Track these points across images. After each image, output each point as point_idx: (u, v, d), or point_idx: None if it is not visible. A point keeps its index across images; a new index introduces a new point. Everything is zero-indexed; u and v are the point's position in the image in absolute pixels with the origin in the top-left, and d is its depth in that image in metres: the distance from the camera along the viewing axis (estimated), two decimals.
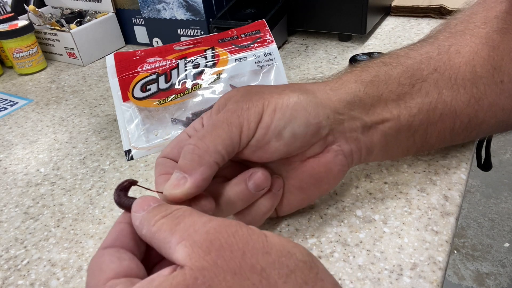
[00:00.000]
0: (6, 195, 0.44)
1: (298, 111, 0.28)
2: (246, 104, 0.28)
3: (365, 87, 0.31)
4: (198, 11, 0.63)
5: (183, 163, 0.26)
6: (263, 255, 0.19)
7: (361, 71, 0.32)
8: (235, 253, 0.19)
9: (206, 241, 0.20)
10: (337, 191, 0.37)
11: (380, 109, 0.31)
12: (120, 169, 0.45)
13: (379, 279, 0.29)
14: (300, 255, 0.20)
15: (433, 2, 0.68)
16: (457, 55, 0.33)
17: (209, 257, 0.19)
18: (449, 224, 0.32)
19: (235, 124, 0.27)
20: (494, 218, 1.51)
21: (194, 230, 0.21)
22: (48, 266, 0.35)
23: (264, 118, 0.28)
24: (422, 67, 0.32)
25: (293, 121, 0.28)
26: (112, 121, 0.54)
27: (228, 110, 0.28)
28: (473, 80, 0.33)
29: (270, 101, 0.28)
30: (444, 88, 0.32)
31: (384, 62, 0.33)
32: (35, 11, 0.74)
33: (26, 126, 0.57)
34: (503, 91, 0.34)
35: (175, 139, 0.31)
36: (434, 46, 0.34)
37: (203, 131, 0.28)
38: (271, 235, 0.21)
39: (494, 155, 1.74)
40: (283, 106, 0.28)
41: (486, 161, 0.54)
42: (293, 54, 0.65)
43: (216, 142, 0.27)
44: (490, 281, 1.31)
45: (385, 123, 0.31)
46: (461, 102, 0.33)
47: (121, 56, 0.49)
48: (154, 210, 0.23)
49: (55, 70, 0.74)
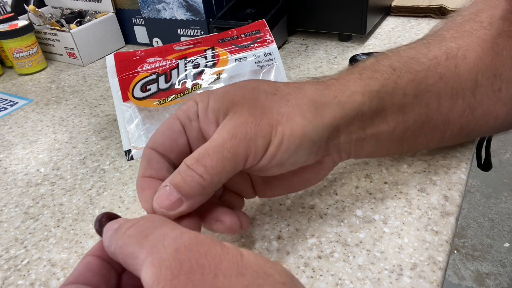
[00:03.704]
0: (6, 195, 0.44)
1: (304, 142, 0.28)
2: (254, 129, 0.26)
3: (371, 101, 0.30)
4: (198, 11, 0.63)
5: (183, 187, 0.25)
6: (236, 277, 0.18)
7: (370, 78, 0.31)
8: (206, 276, 0.18)
9: (175, 261, 0.18)
10: (337, 191, 0.37)
11: (379, 121, 0.31)
12: (120, 169, 0.45)
13: (379, 279, 0.29)
14: (278, 276, 0.19)
15: (433, 2, 0.68)
16: (463, 61, 0.33)
17: (177, 280, 0.18)
18: (449, 224, 0.32)
19: (242, 156, 0.26)
20: (494, 218, 1.51)
21: (162, 245, 0.19)
22: (48, 266, 0.35)
23: (270, 150, 0.27)
24: (429, 76, 0.32)
25: (297, 152, 0.28)
26: (112, 121, 0.54)
27: (234, 135, 0.26)
28: (473, 89, 0.33)
29: (278, 130, 0.27)
30: (444, 99, 0.32)
31: (393, 67, 0.32)
32: (35, 11, 0.74)
33: (26, 126, 0.57)
34: (499, 99, 0.34)
35: (165, 125, 0.29)
36: (443, 50, 0.33)
37: (208, 158, 0.25)
38: (247, 254, 0.19)
39: (494, 155, 1.74)
40: (290, 139, 0.27)
41: (486, 161, 0.54)
42: (293, 54, 0.65)
43: (221, 176, 0.26)
44: (490, 281, 1.31)
45: (380, 134, 0.32)
46: (456, 113, 0.33)
47: (121, 56, 0.49)
48: (123, 224, 0.22)
49: (55, 70, 0.74)
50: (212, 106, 0.28)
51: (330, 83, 0.30)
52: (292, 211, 0.36)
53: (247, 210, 0.36)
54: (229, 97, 0.28)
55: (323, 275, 0.30)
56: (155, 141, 0.28)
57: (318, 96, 0.29)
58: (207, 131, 0.28)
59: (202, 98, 0.28)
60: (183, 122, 0.28)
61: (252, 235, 0.34)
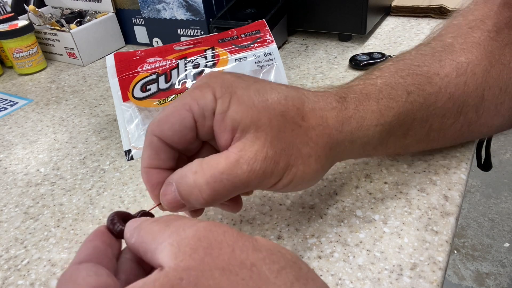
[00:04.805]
0: (6, 195, 0.44)
1: (310, 182, 0.30)
2: (271, 167, 0.26)
3: (381, 133, 0.30)
4: (198, 11, 0.63)
5: (188, 200, 0.26)
6: (253, 252, 0.19)
7: (385, 107, 0.30)
8: (224, 250, 0.19)
9: (194, 238, 0.19)
10: (337, 191, 0.37)
11: (381, 146, 0.32)
12: (120, 169, 0.45)
13: (379, 279, 0.29)
14: (289, 255, 0.20)
15: (433, 2, 0.68)
16: (472, 77, 0.32)
17: (196, 255, 0.18)
18: (449, 224, 0.32)
19: (252, 187, 0.27)
20: (494, 218, 1.51)
21: (183, 229, 0.20)
22: (48, 266, 0.35)
23: (277, 185, 0.28)
24: (439, 98, 0.32)
25: (301, 186, 0.30)
26: (112, 121, 0.54)
27: (252, 170, 0.26)
28: (478, 105, 0.33)
29: (292, 171, 0.27)
30: (448, 118, 0.33)
31: (408, 91, 0.31)
32: (35, 11, 0.74)
33: (26, 126, 0.57)
34: (498, 112, 0.34)
35: (176, 117, 0.26)
36: (453, 66, 0.33)
37: (221, 184, 0.25)
38: (260, 239, 0.20)
39: (494, 155, 1.74)
40: (299, 180, 0.28)
41: (486, 161, 0.54)
42: (293, 54, 0.65)
43: (226, 198, 0.27)
44: (490, 281, 1.31)
45: (376, 154, 0.33)
46: (454, 128, 0.34)
47: (121, 56, 0.49)
48: (146, 219, 0.23)
49: (55, 70, 0.74)
50: (233, 116, 0.26)
51: (350, 111, 0.30)
52: (292, 211, 0.36)
53: (247, 210, 0.36)
54: (254, 115, 0.26)
55: (323, 275, 0.30)
56: (163, 132, 0.26)
57: (337, 133, 0.29)
58: (219, 136, 0.27)
59: (222, 95, 0.26)
60: (197, 118, 0.26)
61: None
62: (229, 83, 0.27)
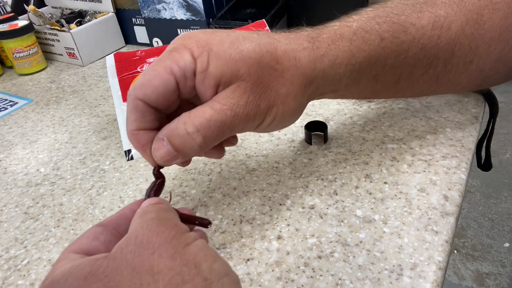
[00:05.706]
0: (6, 195, 0.44)
1: (291, 118, 0.32)
2: (254, 110, 0.28)
3: (351, 73, 0.32)
4: (198, 11, 0.63)
5: (182, 150, 0.28)
6: (167, 259, 0.20)
7: (358, 48, 0.32)
8: (146, 251, 0.20)
9: (134, 233, 0.21)
10: (337, 191, 0.37)
11: (352, 86, 0.34)
12: (120, 169, 0.45)
13: (379, 279, 0.29)
14: (207, 273, 0.20)
15: None
16: (447, 32, 0.34)
17: (127, 249, 0.20)
18: (449, 224, 0.32)
19: (237, 131, 0.29)
20: (494, 218, 1.51)
21: (145, 218, 0.22)
22: (48, 266, 0.35)
23: (261, 126, 0.30)
24: (411, 47, 0.33)
25: (282, 124, 0.32)
26: (112, 121, 0.54)
27: (236, 114, 0.28)
28: (447, 60, 0.34)
29: (273, 111, 0.30)
30: (417, 68, 0.34)
31: (382, 37, 0.33)
32: (35, 11, 0.74)
33: (26, 126, 0.57)
34: (466, 70, 0.35)
35: (158, 80, 0.27)
36: (431, 19, 0.34)
37: (209, 130, 0.27)
38: (194, 246, 0.21)
39: (494, 155, 1.74)
40: (280, 118, 0.30)
41: (486, 161, 0.54)
42: None
43: (216, 142, 0.29)
44: (490, 281, 1.31)
45: (348, 94, 0.35)
46: (423, 80, 0.35)
47: (121, 56, 0.49)
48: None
49: (55, 70, 0.74)
50: (214, 73, 0.27)
51: (322, 49, 0.31)
52: (292, 211, 0.36)
53: (247, 210, 0.36)
54: (233, 68, 0.27)
55: (323, 275, 0.30)
56: (147, 96, 0.27)
57: (311, 72, 0.31)
58: (203, 93, 0.28)
59: (200, 54, 0.27)
60: (178, 79, 0.27)
61: (252, 235, 0.34)
62: (204, 41, 0.28)
